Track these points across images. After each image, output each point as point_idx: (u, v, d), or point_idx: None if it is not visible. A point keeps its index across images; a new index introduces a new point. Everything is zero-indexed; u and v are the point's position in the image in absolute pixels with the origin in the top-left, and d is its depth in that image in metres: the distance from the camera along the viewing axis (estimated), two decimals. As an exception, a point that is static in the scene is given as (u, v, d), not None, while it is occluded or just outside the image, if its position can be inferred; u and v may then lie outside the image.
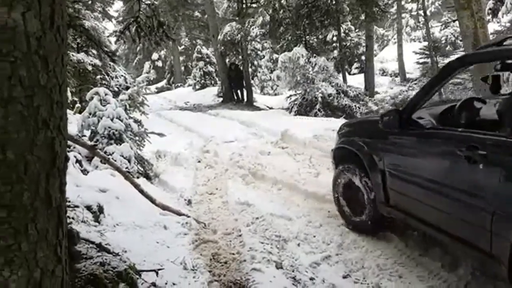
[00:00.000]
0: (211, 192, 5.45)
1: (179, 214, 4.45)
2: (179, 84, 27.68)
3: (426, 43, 16.71)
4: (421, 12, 18.98)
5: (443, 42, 19.66)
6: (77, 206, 3.70)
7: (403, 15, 23.78)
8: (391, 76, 20.17)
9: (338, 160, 4.21)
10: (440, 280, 3.05)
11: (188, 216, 4.41)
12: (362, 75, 18.02)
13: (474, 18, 11.07)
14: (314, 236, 3.92)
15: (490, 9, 6.90)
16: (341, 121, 10.52)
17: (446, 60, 17.19)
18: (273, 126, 9.16)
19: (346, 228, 4.13)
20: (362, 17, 16.94)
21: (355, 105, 13.23)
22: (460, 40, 14.37)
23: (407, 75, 19.10)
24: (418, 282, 3.09)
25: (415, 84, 17.53)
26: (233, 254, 3.57)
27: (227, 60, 18.00)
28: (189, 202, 5.10)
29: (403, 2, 22.12)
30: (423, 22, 18.51)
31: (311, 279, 3.14)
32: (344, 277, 3.19)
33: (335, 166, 4.24)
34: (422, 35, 22.26)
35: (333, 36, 18.45)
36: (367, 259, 3.41)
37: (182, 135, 9.53)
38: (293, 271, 3.25)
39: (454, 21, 16.52)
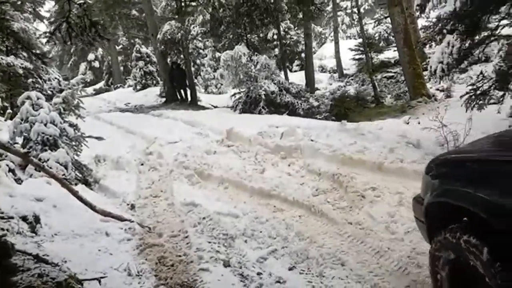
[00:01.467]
0: (155, 195, 5.35)
1: (121, 219, 4.33)
2: (119, 85, 26.72)
3: (360, 40, 17.43)
4: (355, 9, 19.78)
5: (377, 38, 20.62)
6: (11, 217, 3.50)
7: (338, 13, 24.65)
8: (330, 73, 20.82)
9: (437, 222, 2.44)
10: (378, 264, 3.23)
11: (132, 221, 4.31)
12: (303, 72, 18.45)
13: (404, 15, 11.77)
14: (261, 232, 3.99)
15: (418, 5, 7.38)
16: (284, 117, 10.77)
17: (380, 56, 18.16)
18: (218, 125, 9.15)
19: (291, 221, 4.25)
20: (300, 15, 17.33)
21: (297, 102, 13.52)
22: (393, 36, 15.15)
23: (345, 71, 19.83)
24: (360, 267, 3.25)
25: (352, 79, 18.26)
26: (180, 256, 3.54)
27: (168, 59, 17.65)
28: (133, 207, 4.97)
29: (338, 0, 22.99)
30: (357, 19, 19.29)
31: (259, 274, 3.20)
32: (290, 269, 3.28)
33: (429, 230, 2.56)
34: (357, 32, 23.21)
35: (273, 34, 18.72)
36: (311, 250, 3.52)
37: (123, 138, 9.24)
38: (240, 268, 3.29)
39: (386, 17, 17.37)
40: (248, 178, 5.63)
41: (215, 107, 15.57)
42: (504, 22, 6.03)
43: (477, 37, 5.91)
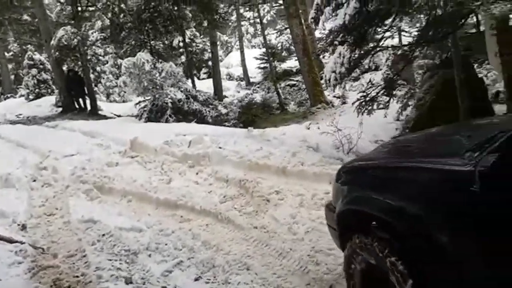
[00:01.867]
0: (50, 213, 4.92)
1: (11, 241, 3.92)
2: (9, 95, 24.19)
3: (264, 50, 18.04)
4: (258, 20, 20.42)
5: (279, 48, 21.49)
6: None
7: (242, 22, 25.23)
8: (237, 80, 21.18)
9: (346, 229, 2.52)
10: (281, 266, 3.35)
11: (23, 243, 3.91)
12: (211, 80, 18.52)
13: (302, 26, 12.44)
14: (166, 244, 3.89)
15: (312, 18, 7.85)
16: (192, 125, 10.67)
17: (283, 65, 18.97)
18: (121, 135, 8.72)
19: (198, 230, 4.21)
20: (205, 23, 17.40)
21: (205, 109, 13.52)
22: (293, 47, 15.94)
23: (251, 79, 20.34)
24: (264, 270, 3.33)
25: (258, 87, 18.78)
26: (77, 276, 3.30)
27: (64, 66, 16.45)
28: (24, 227, 4.52)
29: (242, 11, 23.49)
30: (260, 29, 19.93)
31: (163, 287, 3.11)
32: (196, 279, 3.24)
33: (341, 238, 2.62)
34: (261, 42, 23.95)
35: (179, 41, 18.49)
36: (217, 258, 3.52)
37: (13, 152, 8.36)
38: (144, 284, 3.17)
39: (286, 28, 18.22)
40: (154, 190, 5.46)
41: (118, 116, 14.90)
42: (388, 34, 6.68)
43: (364, 47, 6.45)
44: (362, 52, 6.34)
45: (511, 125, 2.24)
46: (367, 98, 6.63)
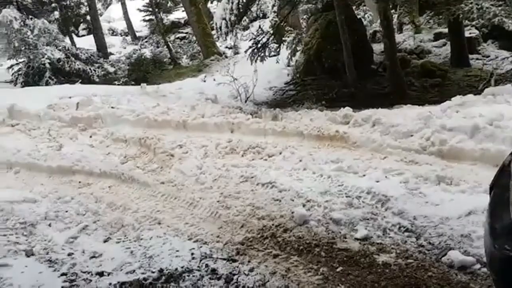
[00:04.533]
0: None
1: None
2: None
3: (148, 0, 16.97)
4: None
5: (164, -2, 20.40)
6: None
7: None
8: (121, 36, 19.77)
9: None
10: (192, 215, 3.40)
11: None
12: (92, 36, 17.02)
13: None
14: (67, 211, 3.66)
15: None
16: (77, 86, 9.82)
17: (170, 17, 18.11)
18: (-6, 104, 7.70)
19: (100, 193, 4.03)
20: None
21: (90, 68, 12.56)
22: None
23: (137, 34, 19.14)
24: (176, 222, 3.35)
25: (146, 42, 17.81)
26: (-31, 259, 2.96)
27: None
28: None
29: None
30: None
31: (70, 254, 2.96)
32: (105, 241, 3.14)
33: None
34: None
35: (49, -6, 16.45)
36: (125, 217, 3.43)
37: None
38: (47, 254, 2.98)
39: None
40: (43, 158, 5.01)
41: (-13, 83, 13.09)
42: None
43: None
44: (251, -3, 6.36)
45: None
46: (259, 45, 6.76)
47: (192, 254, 2.87)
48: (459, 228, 2.75)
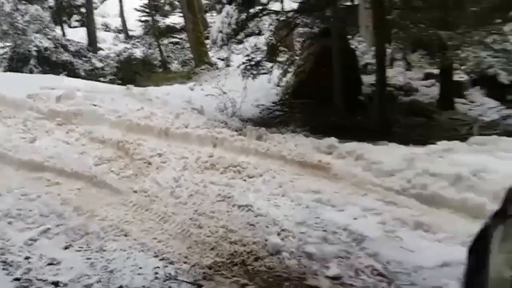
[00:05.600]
0: None
1: None
2: None
3: (146, 1, 16.84)
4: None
5: (162, 1, 20.26)
6: None
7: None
8: (114, 32, 19.51)
9: None
10: (162, 230, 3.26)
11: None
12: (84, 29, 16.75)
13: (188, -21, 11.93)
14: (30, 210, 3.49)
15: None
16: (61, 78, 9.58)
17: (166, 20, 18.01)
18: (-30, 85, 7.41)
19: (68, 195, 3.85)
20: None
21: (77, 61, 12.33)
22: (178, 1, 15.20)
23: (130, 33, 18.91)
24: (144, 236, 3.20)
25: (138, 42, 17.60)
26: None
27: None
28: None
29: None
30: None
31: (27, 258, 2.80)
32: (66, 248, 2.97)
33: None
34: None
35: (46, -19, 16.18)
36: (91, 224, 3.28)
37: None
38: (3, 254, 2.81)
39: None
40: (14, 149, 4.81)
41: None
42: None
43: (252, 10, 6.47)
44: (249, 13, 6.35)
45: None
46: (252, 63, 6.73)
47: (156, 273, 2.73)
48: (432, 279, 2.70)
